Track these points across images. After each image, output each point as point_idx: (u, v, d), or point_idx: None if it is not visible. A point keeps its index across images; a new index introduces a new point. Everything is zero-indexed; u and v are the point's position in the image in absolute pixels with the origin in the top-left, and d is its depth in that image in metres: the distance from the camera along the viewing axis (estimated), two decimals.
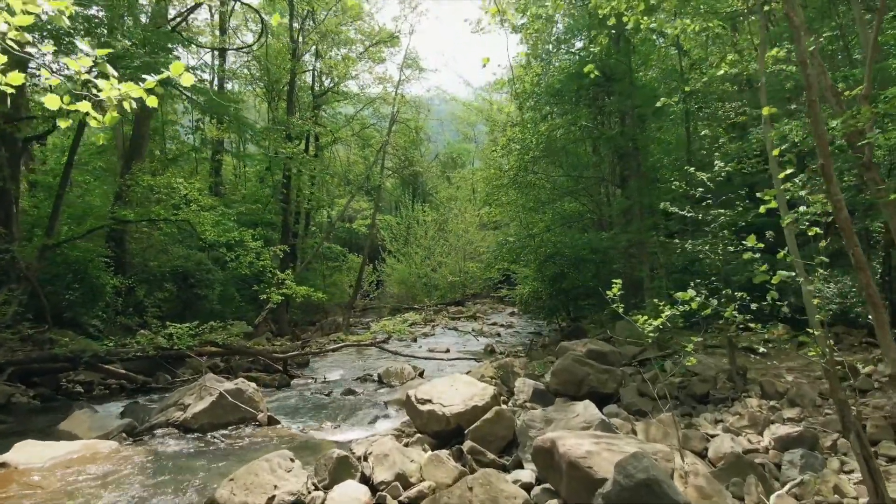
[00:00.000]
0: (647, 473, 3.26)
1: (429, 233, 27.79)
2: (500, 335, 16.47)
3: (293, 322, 18.64)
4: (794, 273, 3.53)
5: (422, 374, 10.71)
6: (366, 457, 5.12)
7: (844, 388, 3.85)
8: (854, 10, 7.11)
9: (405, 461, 4.89)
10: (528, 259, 14.79)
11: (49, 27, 8.80)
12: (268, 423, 7.11)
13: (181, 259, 15.26)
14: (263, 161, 21.28)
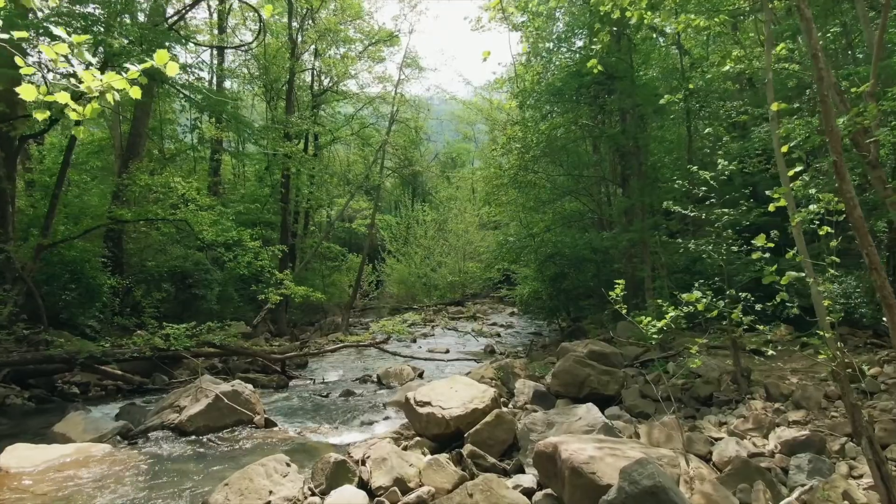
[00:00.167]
0: (653, 480, 3.16)
1: (428, 232, 27.70)
2: (500, 335, 16.38)
3: (292, 322, 18.54)
4: (804, 273, 3.42)
5: (421, 375, 10.61)
6: (364, 461, 5.01)
7: (854, 391, 3.75)
8: (858, 8, 7.01)
9: (404, 465, 4.79)
10: (529, 259, 14.70)
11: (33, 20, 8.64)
12: (265, 426, 7.01)
13: (179, 259, 15.16)
14: (262, 160, 21.18)
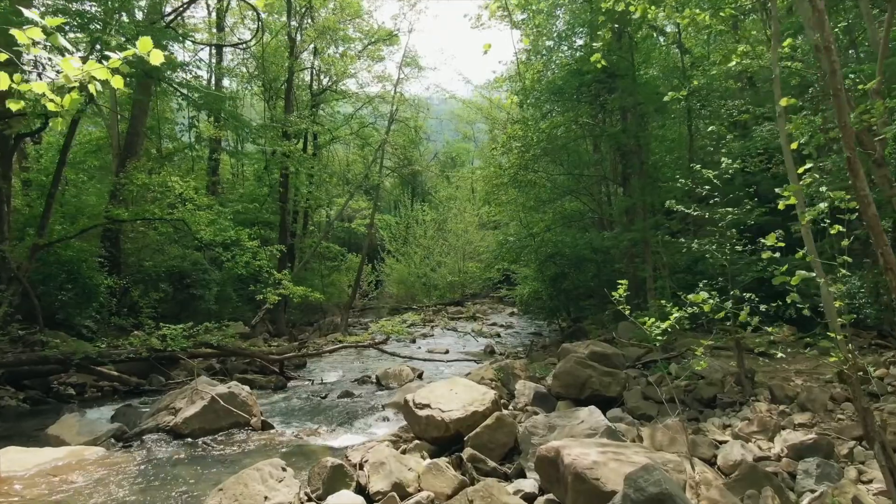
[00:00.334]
0: (660, 487, 3.06)
1: (428, 232, 27.60)
2: (500, 336, 16.27)
3: (291, 322, 18.44)
4: (814, 274, 3.33)
5: (420, 376, 10.50)
6: (361, 465, 4.91)
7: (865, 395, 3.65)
8: (861, 6, 6.92)
9: (402, 469, 4.69)
10: (529, 259, 14.60)
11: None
12: (261, 428, 6.90)
13: (177, 259, 15.05)
14: (261, 160, 21.08)
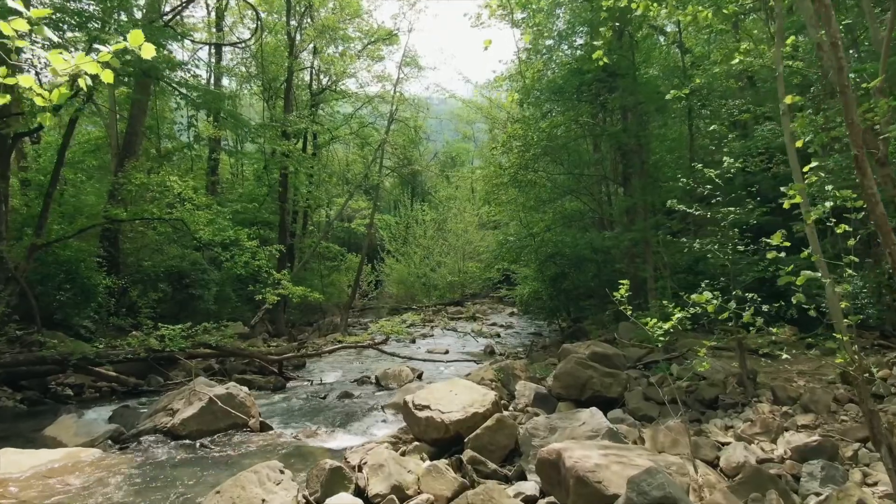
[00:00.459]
0: (663, 491, 3.01)
1: (428, 232, 27.56)
2: (500, 336, 16.22)
3: (290, 322, 18.38)
4: (819, 274, 3.27)
5: (420, 377, 10.46)
6: (360, 467, 4.87)
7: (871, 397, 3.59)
8: (864, 5, 6.87)
9: (402, 472, 4.64)
10: (529, 259, 14.55)
11: None
12: (260, 430, 6.84)
13: (176, 259, 14.99)
14: (261, 160, 21.03)
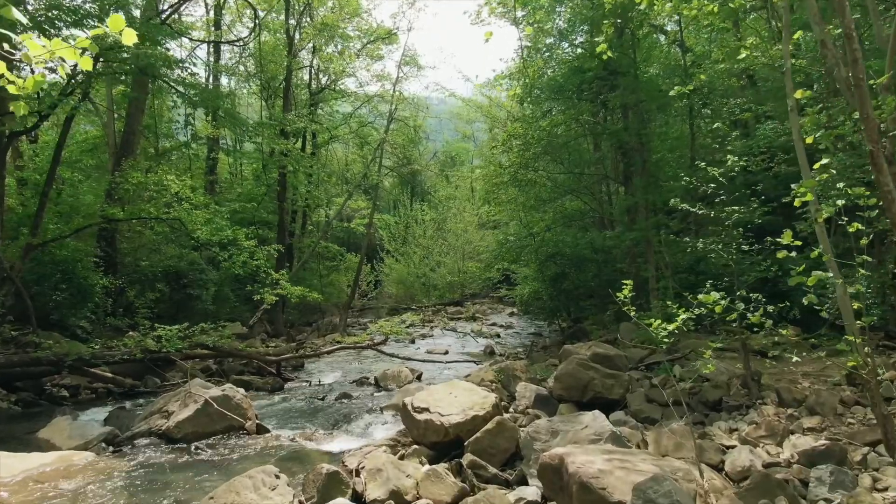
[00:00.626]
0: (670, 499, 2.92)
1: (427, 232, 27.47)
2: (500, 336, 16.12)
3: (289, 323, 18.28)
4: (830, 274, 3.17)
5: (420, 377, 10.37)
6: (358, 471, 4.76)
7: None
8: (868, 2, 6.77)
9: (400, 476, 4.54)
10: (529, 259, 14.46)
11: None
12: (256, 432, 6.74)
13: (174, 259, 14.88)
14: (259, 159, 20.94)
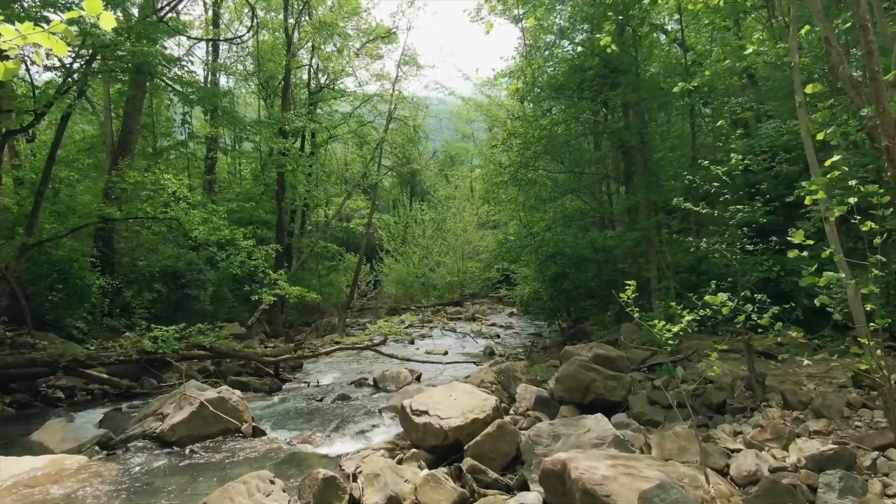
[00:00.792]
0: None
1: (427, 232, 27.38)
2: (500, 336, 16.01)
3: (288, 323, 18.18)
4: (842, 274, 3.07)
5: (419, 378, 10.28)
6: (355, 476, 4.66)
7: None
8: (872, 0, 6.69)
9: (398, 481, 4.44)
10: (529, 258, 14.36)
11: None
12: (252, 435, 6.63)
13: (171, 258, 14.79)
14: (257, 158, 20.84)
